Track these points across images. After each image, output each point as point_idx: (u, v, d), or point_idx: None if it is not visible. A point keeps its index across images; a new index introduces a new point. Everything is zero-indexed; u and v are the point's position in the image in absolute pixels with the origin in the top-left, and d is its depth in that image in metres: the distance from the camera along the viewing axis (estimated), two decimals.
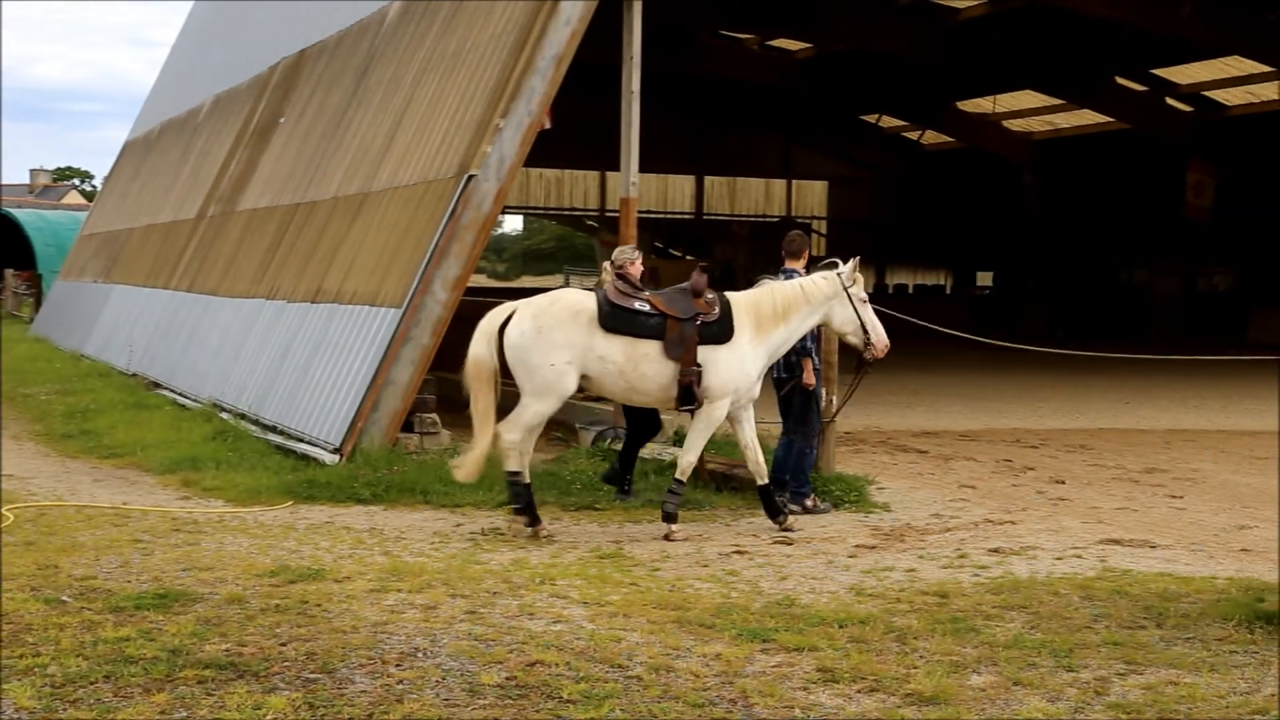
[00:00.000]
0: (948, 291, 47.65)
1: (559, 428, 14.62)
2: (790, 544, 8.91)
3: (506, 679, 5.63)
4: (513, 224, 79.83)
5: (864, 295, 9.77)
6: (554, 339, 9.05)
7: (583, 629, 6.46)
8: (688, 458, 9.53)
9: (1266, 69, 31.26)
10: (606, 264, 10.46)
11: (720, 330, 9.29)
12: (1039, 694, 5.50)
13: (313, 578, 7.47)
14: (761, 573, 7.95)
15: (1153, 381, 23.13)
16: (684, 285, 9.51)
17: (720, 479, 10.99)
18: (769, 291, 9.60)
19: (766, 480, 9.58)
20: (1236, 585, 7.37)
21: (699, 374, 9.18)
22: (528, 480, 9.29)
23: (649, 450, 12.09)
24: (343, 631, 6.33)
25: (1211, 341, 34.38)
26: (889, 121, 44.54)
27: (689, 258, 48.56)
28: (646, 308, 9.24)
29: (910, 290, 46.03)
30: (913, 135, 45.31)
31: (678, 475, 9.46)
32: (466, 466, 9.23)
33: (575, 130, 35.22)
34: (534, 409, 9.17)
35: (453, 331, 12.71)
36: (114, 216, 31.59)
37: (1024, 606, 6.98)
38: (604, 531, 9.35)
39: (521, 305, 9.25)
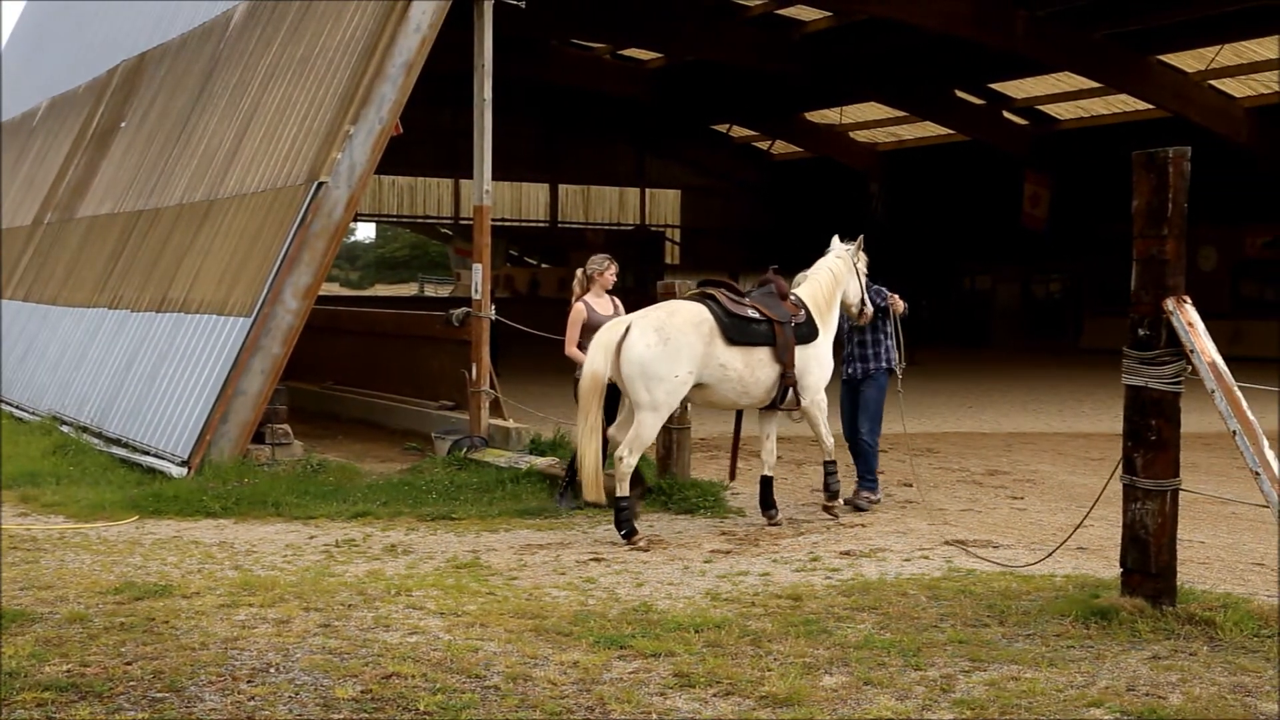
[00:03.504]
0: None
1: (414, 437, 14.51)
2: (647, 550, 8.98)
3: (362, 692, 5.57)
4: (365, 232, 78.74)
5: (864, 269, 10.64)
6: (680, 352, 9.20)
7: (439, 640, 6.42)
8: (830, 441, 10.15)
9: (1094, 85, 32.57)
10: (580, 271, 10.61)
11: (809, 330, 9.91)
12: (888, 693, 5.64)
13: (159, 594, 7.28)
14: (618, 580, 8.00)
15: (994, 387, 23.87)
16: (768, 288, 9.90)
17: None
18: (815, 284, 10.23)
19: (772, 473, 10.14)
20: (1073, 582, 7.64)
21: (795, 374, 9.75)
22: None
23: (506, 459, 12.08)
24: (191, 649, 6.18)
25: (1047, 346, 35.79)
26: (740, 131, 45.17)
27: (544, 265, 48.54)
28: (755, 314, 9.59)
29: None
30: (763, 145, 46.00)
31: (828, 458, 10.17)
32: (591, 487, 9.16)
33: (428, 138, 35.04)
34: (651, 424, 9.28)
35: (305, 341, 12.53)
36: None
37: (874, 607, 7.14)
38: (461, 541, 9.30)
39: (638, 319, 9.33)
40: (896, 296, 10.82)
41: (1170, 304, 6.65)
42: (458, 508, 10.41)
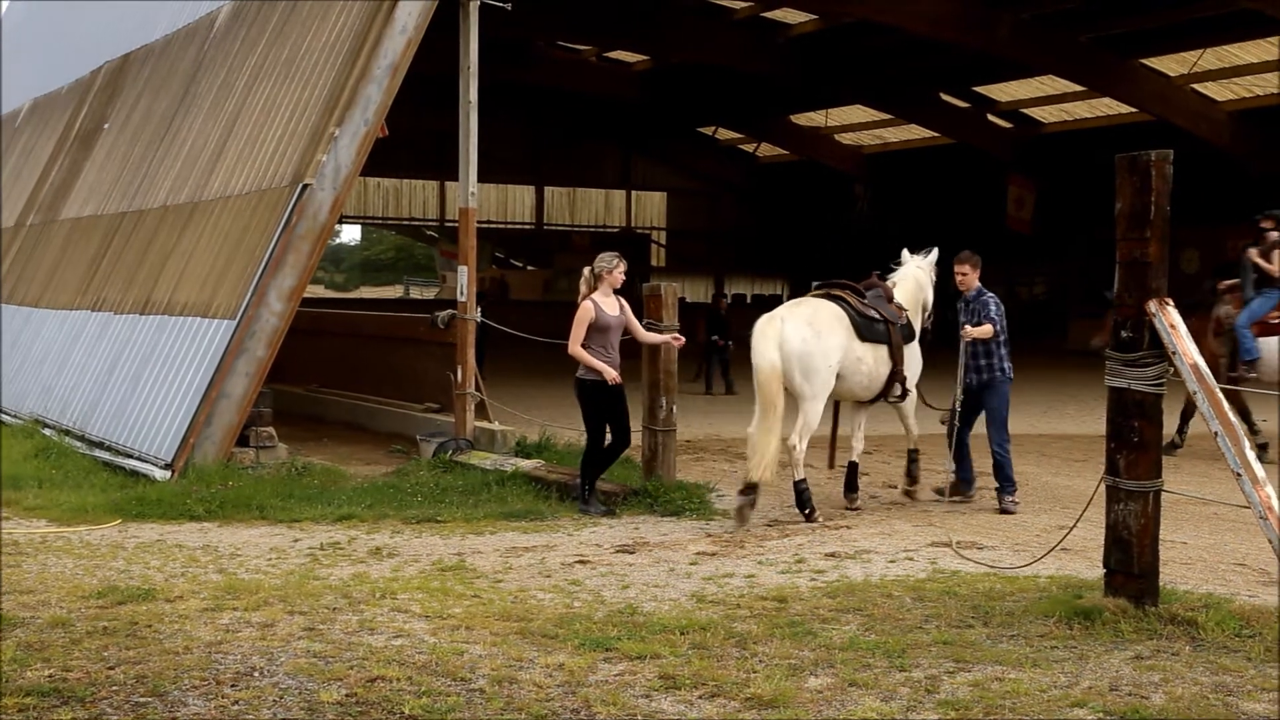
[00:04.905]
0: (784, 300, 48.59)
1: (399, 439, 14.48)
2: (634, 553, 8.98)
3: (346, 696, 5.55)
4: (351, 234, 78.59)
5: (933, 280, 11.65)
6: (830, 343, 10.13)
7: (424, 643, 6.41)
8: (916, 431, 11.19)
9: (1078, 88, 32.68)
10: (587, 270, 10.59)
11: (910, 331, 10.96)
12: (873, 694, 5.65)
13: (143, 598, 7.26)
14: (604, 582, 7.99)
15: None
16: (877, 291, 10.72)
17: (564, 489, 11.02)
18: (907, 289, 11.14)
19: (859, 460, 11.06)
20: (1057, 583, 7.67)
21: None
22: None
23: (492, 461, 12.08)
24: (175, 653, 6.16)
25: (1031, 348, 35.88)
26: (725, 134, 45.21)
27: (530, 268, 48.53)
28: (876, 315, 10.55)
29: (749, 300, 46.87)
30: (749, 147, 46.06)
31: (913, 446, 11.10)
32: (767, 467, 9.71)
33: (414, 140, 34.99)
34: (814, 411, 10.18)
35: (289, 343, 12.50)
36: None
37: (859, 609, 7.15)
38: (446, 544, 9.29)
39: (787, 314, 10.19)
40: (968, 328, 10.94)
41: (1153, 306, 6.68)
42: (443, 510, 10.40)
